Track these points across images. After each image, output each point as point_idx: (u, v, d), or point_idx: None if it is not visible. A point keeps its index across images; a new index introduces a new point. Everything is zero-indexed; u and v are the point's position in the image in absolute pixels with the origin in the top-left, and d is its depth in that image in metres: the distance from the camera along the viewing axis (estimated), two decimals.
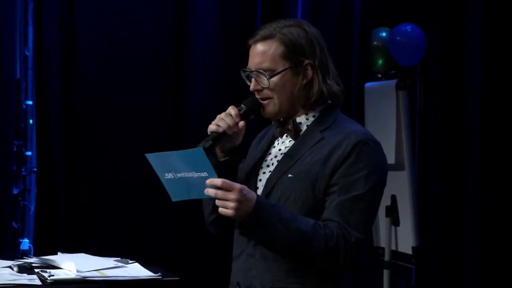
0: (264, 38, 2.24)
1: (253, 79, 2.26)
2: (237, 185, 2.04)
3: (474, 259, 4.82)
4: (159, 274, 2.78)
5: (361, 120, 4.52)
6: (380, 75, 4.82)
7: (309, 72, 2.23)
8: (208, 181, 2.05)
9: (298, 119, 2.27)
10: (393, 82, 4.59)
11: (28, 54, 4.43)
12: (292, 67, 2.23)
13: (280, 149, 2.28)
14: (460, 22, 4.95)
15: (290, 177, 2.18)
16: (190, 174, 2.09)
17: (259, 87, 2.25)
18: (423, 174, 4.93)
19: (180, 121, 4.70)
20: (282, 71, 2.22)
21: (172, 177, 2.14)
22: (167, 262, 3.90)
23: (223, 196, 2.03)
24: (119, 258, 2.95)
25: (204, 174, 2.06)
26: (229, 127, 2.20)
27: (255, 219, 2.06)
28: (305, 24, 2.29)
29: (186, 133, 4.65)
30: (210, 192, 2.05)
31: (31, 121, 4.43)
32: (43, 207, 4.46)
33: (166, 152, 2.15)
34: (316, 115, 2.27)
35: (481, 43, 4.85)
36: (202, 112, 4.69)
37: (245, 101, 2.29)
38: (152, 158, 2.15)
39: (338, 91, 2.28)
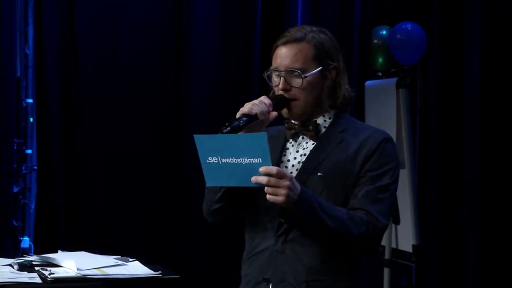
0: (296, 40, 2.32)
1: (282, 79, 2.31)
2: (289, 173, 2.11)
3: (474, 257, 4.82)
4: (159, 272, 2.78)
5: (361, 118, 4.52)
6: (380, 73, 4.83)
7: (335, 75, 2.35)
8: (262, 169, 2.06)
9: (317, 121, 2.36)
10: (393, 80, 4.59)
11: (28, 52, 4.43)
12: (322, 69, 2.32)
13: (298, 151, 2.35)
14: (460, 20, 4.95)
15: (320, 175, 2.26)
16: (240, 160, 2.09)
17: (288, 87, 2.31)
18: (423, 172, 4.94)
19: (180, 121, 4.69)
20: (315, 72, 2.31)
21: (216, 161, 2.12)
22: (167, 260, 3.92)
23: (276, 183, 2.07)
24: (119, 256, 2.96)
25: (257, 160, 2.06)
26: (262, 112, 2.25)
27: (302, 206, 2.12)
28: (327, 32, 2.39)
29: (185, 132, 4.64)
30: (261, 179, 2.07)
31: (31, 119, 4.43)
32: (44, 205, 4.46)
33: (220, 135, 2.16)
34: (332, 117, 2.37)
35: (481, 41, 4.85)
36: (202, 112, 4.69)
37: (272, 96, 2.33)
38: (200, 139, 2.13)
39: (353, 97, 2.41)
